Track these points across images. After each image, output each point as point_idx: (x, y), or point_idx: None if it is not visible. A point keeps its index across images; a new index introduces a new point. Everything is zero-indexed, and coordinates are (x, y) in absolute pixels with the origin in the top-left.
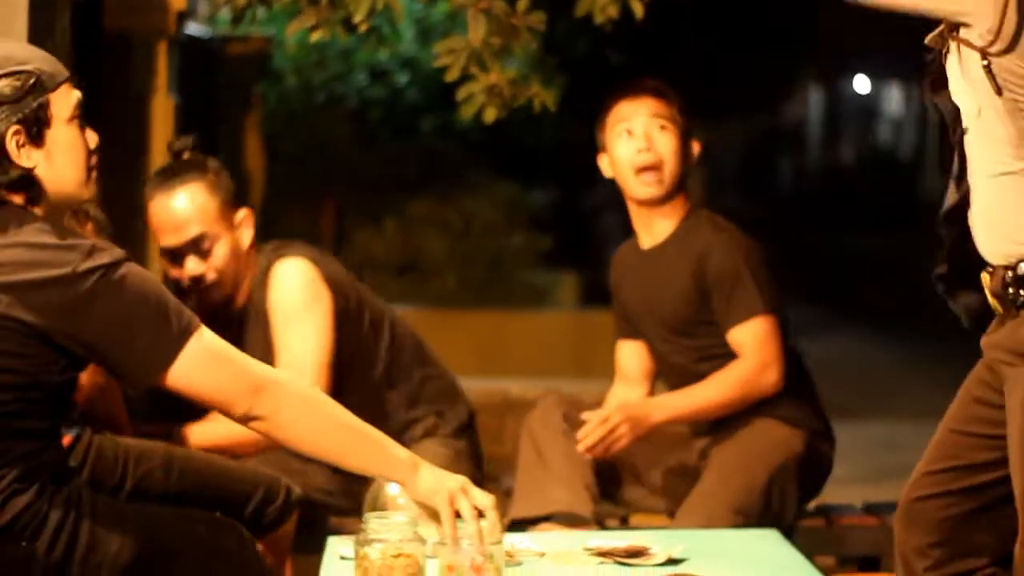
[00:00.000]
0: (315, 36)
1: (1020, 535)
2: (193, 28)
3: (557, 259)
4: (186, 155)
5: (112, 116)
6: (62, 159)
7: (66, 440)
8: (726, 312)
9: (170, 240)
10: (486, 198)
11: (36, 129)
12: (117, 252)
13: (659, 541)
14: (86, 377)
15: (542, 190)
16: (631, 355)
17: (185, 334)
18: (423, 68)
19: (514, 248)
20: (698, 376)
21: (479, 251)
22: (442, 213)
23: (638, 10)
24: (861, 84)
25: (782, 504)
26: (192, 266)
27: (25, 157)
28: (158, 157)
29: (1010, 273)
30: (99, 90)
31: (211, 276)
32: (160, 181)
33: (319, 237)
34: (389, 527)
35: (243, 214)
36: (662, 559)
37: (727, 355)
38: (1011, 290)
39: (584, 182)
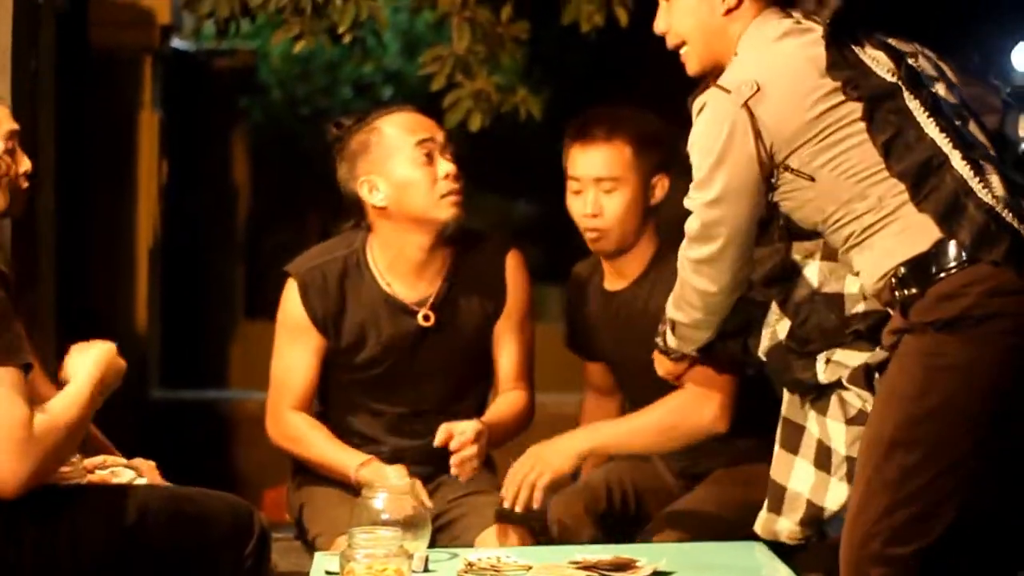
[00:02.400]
0: (299, 46)
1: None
2: (178, 42)
3: (544, 272)
4: None
5: (98, 131)
6: None
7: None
8: None
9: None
10: (471, 210)
11: None
12: None
13: (645, 554)
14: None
15: (528, 202)
16: (601, 372)
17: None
18: (408, 81)
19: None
20: None
21: None
22: None
23: (622, 17)
24: None
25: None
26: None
27: None
28: (144, 171)
29: (893, 279)
30: (85, 105)
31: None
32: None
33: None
34: (375, 541)
35: None
36: (648, 572)
37: None
38: (896, 293)
39: None
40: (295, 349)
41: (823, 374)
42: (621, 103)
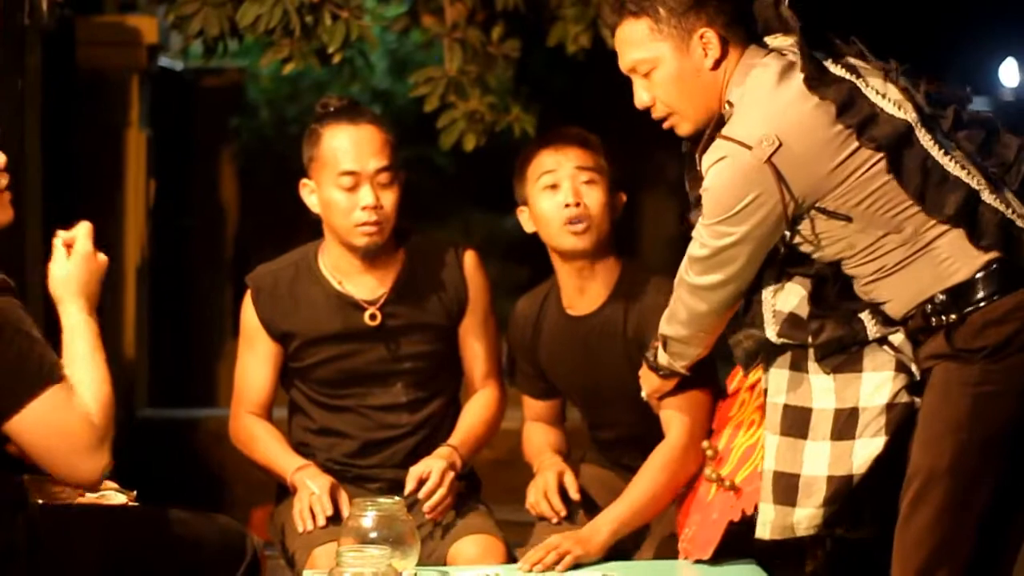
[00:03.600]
0: (288, 68)
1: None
2: (166, 61)
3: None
4: None
5: (85, 150)
6: None
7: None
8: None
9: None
10: (460, 229)
11: None
12: None
13: (632, 572)
14: None
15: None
16: (547, 408)
17: (45, 379)
18: (396, 101)
19: (489, 279)
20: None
21: None
22: None
23: (609, 39)
24: None
25: None
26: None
27: None
28: (132, 190)
29: (929, 307)
30: (72, 124)
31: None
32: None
33: None
34: (363, 559)
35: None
36: None
37: None
38: (932, 319)
39: None
40: (251, 355)
41: (873, 328)
42: (606, 122)
